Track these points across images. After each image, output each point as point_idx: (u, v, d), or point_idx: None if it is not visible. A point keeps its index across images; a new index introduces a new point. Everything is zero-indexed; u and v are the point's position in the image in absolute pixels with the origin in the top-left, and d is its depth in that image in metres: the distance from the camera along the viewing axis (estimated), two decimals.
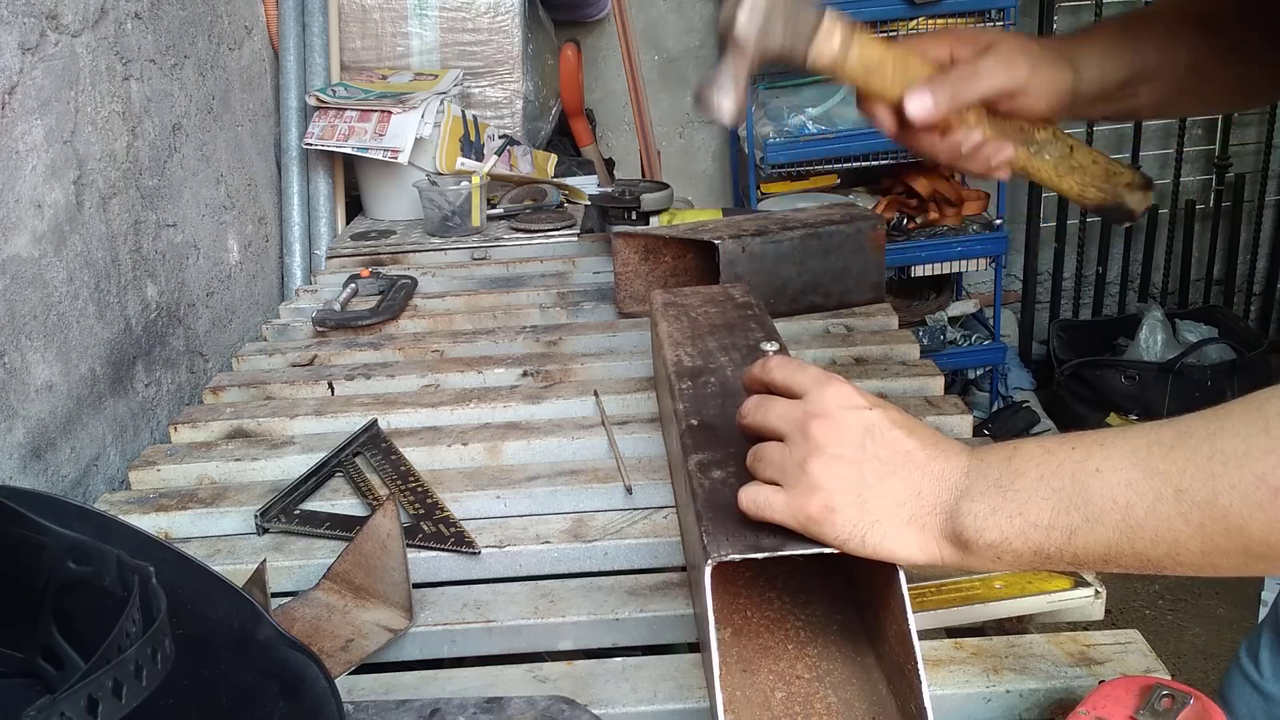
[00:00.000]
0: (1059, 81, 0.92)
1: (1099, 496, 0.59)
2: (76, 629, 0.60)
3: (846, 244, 1.45)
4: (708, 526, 0.70)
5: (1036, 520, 0.61)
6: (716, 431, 0.84)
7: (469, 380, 1.35)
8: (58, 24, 1.23)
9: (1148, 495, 0.57)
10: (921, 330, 3.08)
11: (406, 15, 2.15)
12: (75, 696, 0.47)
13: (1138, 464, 0.58)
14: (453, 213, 1.92)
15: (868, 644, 0.78)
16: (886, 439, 0.66)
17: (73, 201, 1.24)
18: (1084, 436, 0.61)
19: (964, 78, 0.89)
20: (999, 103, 0.91)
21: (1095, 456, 0.60)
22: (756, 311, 1.11)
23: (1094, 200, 1.00)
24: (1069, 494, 0.60)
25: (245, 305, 1.77)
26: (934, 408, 1.20)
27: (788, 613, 0.82)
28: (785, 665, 0.77)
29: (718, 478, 0.77)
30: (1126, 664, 0.80)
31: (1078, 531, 0.60)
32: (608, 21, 2.96)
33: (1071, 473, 0.60)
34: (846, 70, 0.89)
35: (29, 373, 1.14)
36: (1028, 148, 0.95)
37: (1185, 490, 0.56)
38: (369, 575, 0.91)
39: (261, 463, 1.17)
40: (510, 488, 1.08)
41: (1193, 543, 0.57)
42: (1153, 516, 0.57)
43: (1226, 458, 0.55)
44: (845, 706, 0.73)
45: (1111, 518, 0.58)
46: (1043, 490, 0.61)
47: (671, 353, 1.02)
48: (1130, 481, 0.58)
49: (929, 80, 0.89)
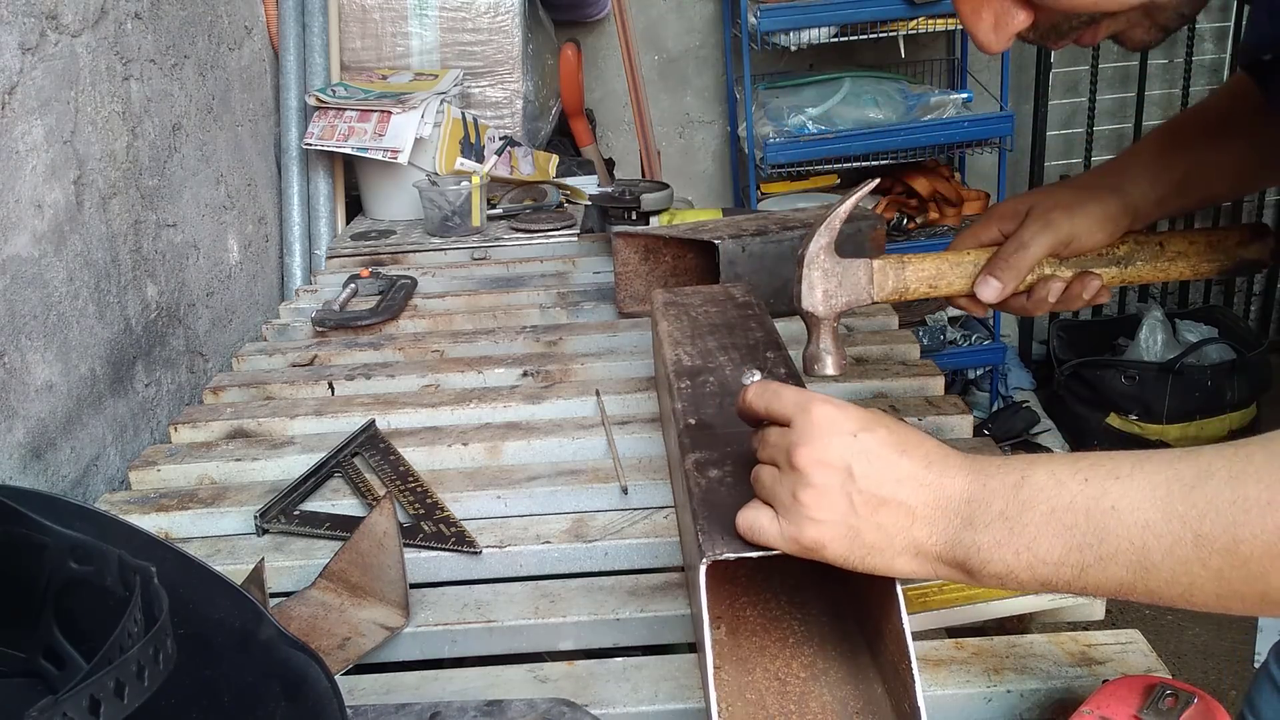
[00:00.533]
0: (1107, 212, 0.95)
1: (1114, 536, 0.57)
2: (78, 629, 0.60)
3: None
4: (704, 525, 0.70)
5: (1046, 557, 0.59)
6: (714, 431, 0.84)
7: (469, 380, 1.35)
8: (58, 24, 1.23)
9: (1166, 538, 0.56)
10: (921, 330, 3.08)
11: (406, 15, 2.15)
12: (77, 697, 0.47)
13: (1156, 504, 0.56)
14: (453, 213, 1.92)
15: (863, 644, 0.78)
16: (876, 465, 0.63)
17: (73, 201, 1.24)
18: (1098, 465, 0.59)
19: (1013, 252, 0.95)
20: (1059, 253, 0.96)
21: (1111, 493, 0.57)
22: (757, 311, 1.11)
23: (1212, 272, 1.02)
24: (1082, 531, 0.58)
25: (245, 305, 1.77)
26: (934, 408, 1.20)
27: (784, 613, 0.82)
28: (781, 664, 0.77)
29: (715, 477, 0.77)
30: (1127, 664, 0.80)
31: (1089, 569, 0.58)
32: (608, 21, 2.96)
33: (1086, 509, 0.58)
34: (913, 293, 0.98)
35: (29, 373, 1.13)
36: (1115, 266, 0.99)
37: (1205, 536, 0.55)
38: (365, 574, 0.91)
39: (262, 463, 1.17)
40: (510, 488, 1.08)
41: (1209, 586, 0.56)
42: (1169, 559, 0.56)
43: (1249, 505, 0.54)
44: (840, 705, 0.73)
45: (1126, 558, 0.57)
46: (1053, 526, 0.59)
47: (671, 352, 1.02)
48: (1148, 523, 0.56)
49: (989, 266, 0.96)
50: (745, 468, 0.74)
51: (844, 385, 1.27)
